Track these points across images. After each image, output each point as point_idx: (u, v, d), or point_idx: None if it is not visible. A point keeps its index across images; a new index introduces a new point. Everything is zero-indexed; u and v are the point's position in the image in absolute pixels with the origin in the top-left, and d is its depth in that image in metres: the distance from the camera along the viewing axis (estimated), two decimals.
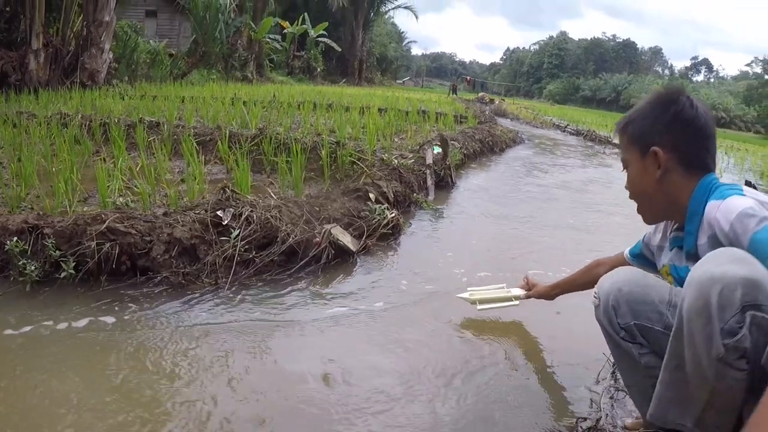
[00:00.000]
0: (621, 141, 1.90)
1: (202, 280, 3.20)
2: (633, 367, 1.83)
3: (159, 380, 2.26)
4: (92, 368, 2.33)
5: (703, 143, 1.76)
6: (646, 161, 1.79)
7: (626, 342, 1.80)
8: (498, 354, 2.73)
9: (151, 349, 2.50)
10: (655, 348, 1.75)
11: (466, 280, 3.67)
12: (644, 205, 1.88)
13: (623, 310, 1.76)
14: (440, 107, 15.53)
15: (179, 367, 2.37)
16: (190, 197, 4.33)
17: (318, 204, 4.11)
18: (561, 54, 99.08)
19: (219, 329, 2.74)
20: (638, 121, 1.83)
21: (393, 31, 71.82)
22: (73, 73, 14.61)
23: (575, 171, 9.77)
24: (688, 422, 1.58)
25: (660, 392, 1.63)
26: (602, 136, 16.73)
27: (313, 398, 2.22)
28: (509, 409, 2.27)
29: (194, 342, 2.59)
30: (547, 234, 5.12)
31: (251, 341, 2.65)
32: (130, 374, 2.29)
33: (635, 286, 1.76)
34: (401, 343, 2.77)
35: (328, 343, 2.72)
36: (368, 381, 2.38)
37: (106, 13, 15.09)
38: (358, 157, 5.98)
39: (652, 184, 1.79)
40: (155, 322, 2.77)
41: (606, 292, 1.80)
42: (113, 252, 3.08)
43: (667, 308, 1.71)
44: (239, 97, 11.83)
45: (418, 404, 2.23)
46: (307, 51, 37.65)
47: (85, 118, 7.84)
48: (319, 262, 3.60)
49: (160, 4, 29.81)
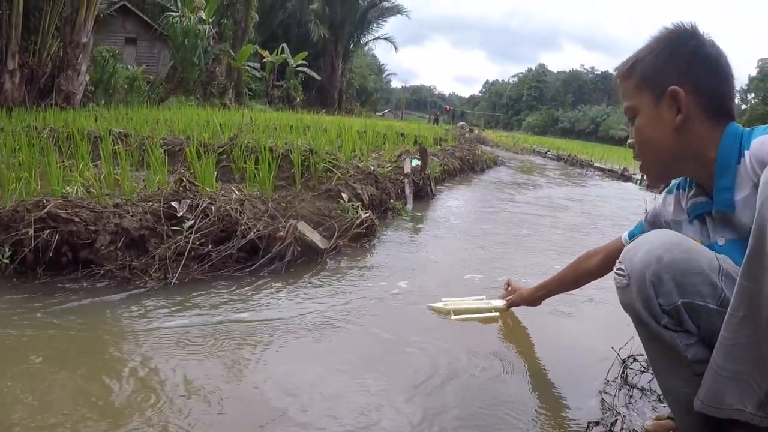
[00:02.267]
0: (625, 87, 1.58)
1: (150, 275, 2.88)
2: (675, 366, 1.42)
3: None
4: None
5: (726, 86, 1.48)
6: (662, 106, 1.48)
7: (669, 331, 1.37)
8: (490, 357, 2.37)
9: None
10: (705, 334, 1.36)
11: (443, 285, 3.33)
12: (654, 160, 1.57)
13: (667, 287, 1.32)
14: (419, 132, 15.36)
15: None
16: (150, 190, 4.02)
17: (285, 201, 3.83)
18: (540, 86, 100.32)
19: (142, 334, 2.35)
20: (649, 59, 1.52)
21: (373, 63, 72.26)
22: (49, 95, 14.33)
23: (555, 188, 9.61)
24: (749, 406, 1.19)
25: (715, 366, 1.24)
26: (583, 160, 16.66)
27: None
28: (507, 416, 1.91)
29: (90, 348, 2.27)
30: (528, 243, 4.85)
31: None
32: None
33: (678, 252, 1.33)
34: (368, 348, 2.41)
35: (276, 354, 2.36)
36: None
37: (84, 35, 14.83)
38: (333, 164, 5.70)
39: (668, 133, 1.48)
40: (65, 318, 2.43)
41: (640, 265, 1.35)
42: (53, 241, 2.77)
43: (719, 277, 1.32)
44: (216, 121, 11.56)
45: (400, 416, 1.89)
46: (286, 81, 37.55)
47: (53, 131, 7.58)
48: (284, 260, 3.29)
49: (140, 31, 29.64)
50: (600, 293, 3.14)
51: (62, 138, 6.99)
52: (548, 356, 2.46)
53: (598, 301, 3.15)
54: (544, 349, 2.54)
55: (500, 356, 2.38)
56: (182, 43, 22.82)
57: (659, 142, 1.51)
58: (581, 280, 2.35)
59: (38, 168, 4.53)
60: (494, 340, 2.58)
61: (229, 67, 28.45)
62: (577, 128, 74.48)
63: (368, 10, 47.03)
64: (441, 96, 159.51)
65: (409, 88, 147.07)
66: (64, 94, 14.52)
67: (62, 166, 4.22)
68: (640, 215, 1.91)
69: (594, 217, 6.70)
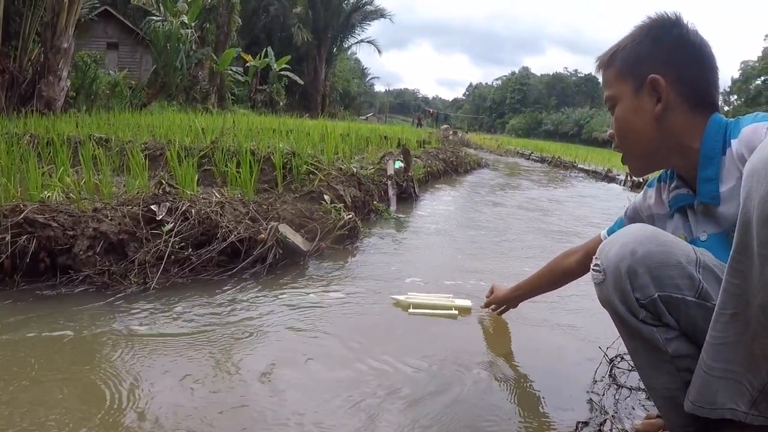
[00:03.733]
0: (606, 76, 1.57)
1: (129, 280, 2.84)
2: (656, 361, 1.37)
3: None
4: None
5: (710, 76, 1.46)
6: (642, 95, 1.47)
7: (648, 326, 1.33)
8: (473, 360, 2.32)
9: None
10: (686, 328, 1.32)
11: (423, 289, 3.22)
12: (634, 151, 1.55)
13: (642, 280, 1.29)
14: (403, 134, 15.34)
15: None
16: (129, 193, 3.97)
17: (267, 203, 3.80)
18: (523, 89, 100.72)
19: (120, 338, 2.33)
20: (631, 47, 1.50)
21: (356, 67, 72.30)
22: (30, 101, 14.16)
23: (540, 190, 9.63)
24: (742, 404, 1.14)
25: (704, 367, 1.19)
26: (567, 162, 16.71)
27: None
28: (493, 420, 1.87)
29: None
30: (510, 246, 4.84)
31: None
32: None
33: (653, 245, 1.29)
34: (350, 350, 2.36)
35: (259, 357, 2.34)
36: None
37: (65, 40, 14.68)
38: (315, 166, 5.66)
39: (648, 122, 1.46)
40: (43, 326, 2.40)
41: (615, 259, 1.32)
42: (30, 246, 2.72)
43: (696, 269, 1.28)
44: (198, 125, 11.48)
45: (385, 414, 1.87)
46: (269, 85, 37.41)
47: (33, 137, 7.50)
48: (265, 263, 3.26)
49: (122, 36, 29.45)
50: (582, 293, 3.13)
51: (42, 144, 6.92)
52: (534, 357, 2.44)
53: (581, 301, 3.14)
54: (529, 350, 2.52)
55: (485, 359, 2.35)
56: (165, 47, 22.65)
57: (639, 132, 1.49)
58: (560, 280, 2.30)
59: (17, 174, 4.47)
60: (478, 343, 2.56)
61: (211, 71, 28.32)
62: (560, 130, 74.79)
63: (351, 13, 47.03)
64: (425, 99, 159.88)
65: (393, 92, 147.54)
66: (45, 100, 14.38)
67: (41, 172, 4.17)
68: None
69: (577, 218, 6.73)
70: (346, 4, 46.63)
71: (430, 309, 2.79)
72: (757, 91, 49.03)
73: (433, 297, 2.93)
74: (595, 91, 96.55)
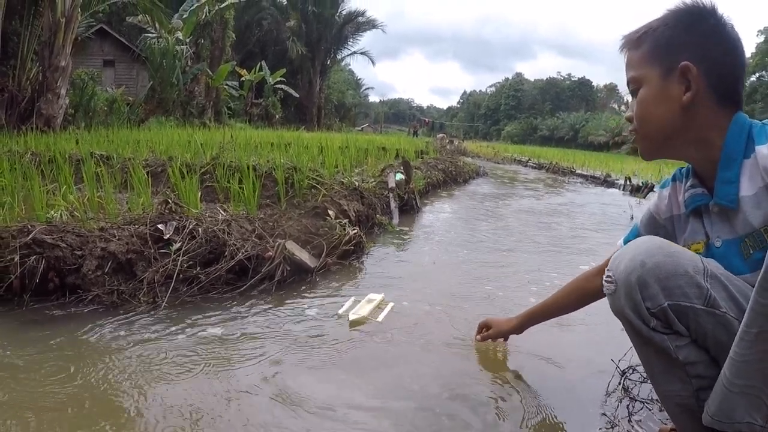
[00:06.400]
0: (631, 57, 1.51)
1: (138, 299, 2.85)
2: (669, 368, 1.39)
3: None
4: None
5: (740, 72, 1.43)
6: (670, 81, 1.41)
7: (659, 334, 1.35)
8: (485, 376, 2.33)
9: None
10: (696, 336, 1.34)
11: (431, 300, 3.27)
12: (653, 136, 1.49)
13: (652, 290, 1.32)
14: (400, 145, 15.37)
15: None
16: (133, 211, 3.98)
17: (272, 220, 3.81)
18: (517, 95, 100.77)
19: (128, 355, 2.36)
20: (663, 30, 1.44)
21: (350, 79, 72.49)
22: (29, 119, 14.21)
23: (540, 199, 9.63)
24: (759, 418, 1.19)
25: (725, 382, 1.22)
26: (565, 168, 16.74)
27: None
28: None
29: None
30: (513, 257, 4.81)
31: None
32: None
33: (662, 256, 1.33)
34: (359, 367, 2.38)
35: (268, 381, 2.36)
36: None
37: (63, 58, 14.73)
38: (317, 180, 5.67)
39: (673, 110, 1.42)
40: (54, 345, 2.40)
41: (625, 271, 1.36)
42: (39, 267, 2.73)
43: (704, 279, 1.31)
44: (196, 140, 11.49)
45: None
46: (265, 98, 37.48)
47: (35, 154, 7.53)
48: (273, 280, 3.27)
49: (118, 54, 29.56)
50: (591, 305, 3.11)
51: (44, 161, 6.92)
52: (544, 371, 2.42)
53: (591, 314, 3.12)
54: (540, 364, 2.49)
55: (494, 373, 2.36)
56: (161, 64, 22.74)
57: (662, 119, 1.45)
58: (584, 302, 2.17)
59: (21, 192, 4.48)
60: (489, 359, 2.55)
61: (207, 86, 28.39)
62: (556, 135, 74.81)
63: (344, 25, 47.25)
64: (419, 108, 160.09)
65: (387, 102, 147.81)
66: (44, 118, 14.42)
67: (45, 190, 4.17)
68: (625, 222, 1.88)
69: (581, 229, 6.70)
70: (338, 16, 46.82)
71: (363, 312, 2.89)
72: (752, 88, 48.99)
73: (364, 304, 3.00)
74: (589, 95, 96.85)
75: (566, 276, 3.35)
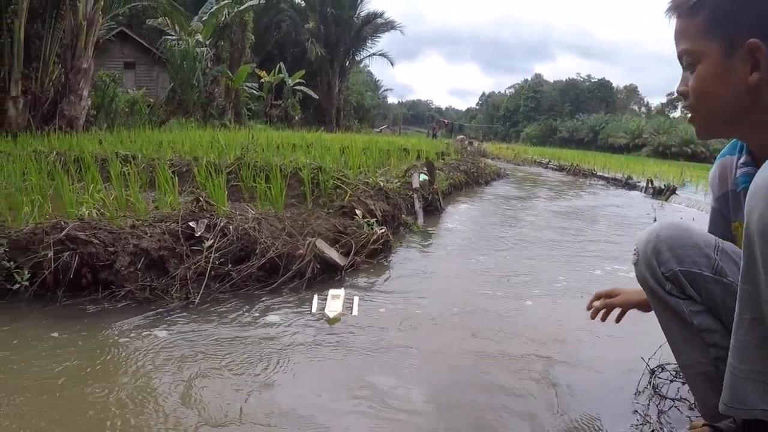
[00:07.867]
0: (684, 25, 1.38)
1: (171, 295, 2.86)
2: (686, 334, 1.50)
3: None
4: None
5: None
6: (734, 59, 1.29)
7: (674, 297, 1.47)
8: (512, 366, 2.34)
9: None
10: (708, 304, 1.45)
11: (461, 300, 3.26)
12: (711, 114, 1.39)
13: (665, 256, 1.46)
14: (421, 146, 15.34)
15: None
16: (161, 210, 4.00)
17: (301, 219, 3.81)
18: (537, 96, 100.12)
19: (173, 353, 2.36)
20: (724, 2, 1.30)
21: (369, 80, 72.49)
22: (52, 120, 14.37)
23: (564, 200, 9.58)
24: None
25: (731, 368, 1.20)
26: (586, 170, 16.62)
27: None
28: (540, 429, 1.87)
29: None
30: (540, 256, 4.80)
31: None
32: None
33: (675, 230, 1.47)
34: (384, 370, 2.34)
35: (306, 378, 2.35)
36: None
37: (84, 61, 14.88)
38: (342, 180, 5.67)
39: (737, 89, 1.30)
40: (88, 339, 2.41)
41: (644, 241, 1.51)
42: (72, 262, 2.75)
43: (714, 252, 1.43)
44: (217, 140, 11.55)
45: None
46: (284, 100, 37.63)
47: (60, 154, 7.60)
48: (303, 278, 3.27)
49: (138, 56, 29.84)
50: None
51: (70, 161, 6.99)
52: (574, 369, 2.41)
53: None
54: (569, 361, 2.48)
55: (524, 368, 2.35)
56: (181, 65, 22.88)
57: (724, 98, 1.34)
58: None
59: (49, 191, 4.52)
60: (519, 357, 2.53)
61: (227, 88, 28.55)
62: (576, 137, 74.35)
63: (363, 27, 47.26)
64: (438, 110, 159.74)
65: (406, 104, 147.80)
66: (67, 119, 14.57)
67: (73, 189, 4.20)
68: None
69: (604, 233, 6.65)
70: (356, 17, 46.86)
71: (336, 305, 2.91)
72: None
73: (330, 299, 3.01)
74: (609, 96, 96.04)
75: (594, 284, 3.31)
